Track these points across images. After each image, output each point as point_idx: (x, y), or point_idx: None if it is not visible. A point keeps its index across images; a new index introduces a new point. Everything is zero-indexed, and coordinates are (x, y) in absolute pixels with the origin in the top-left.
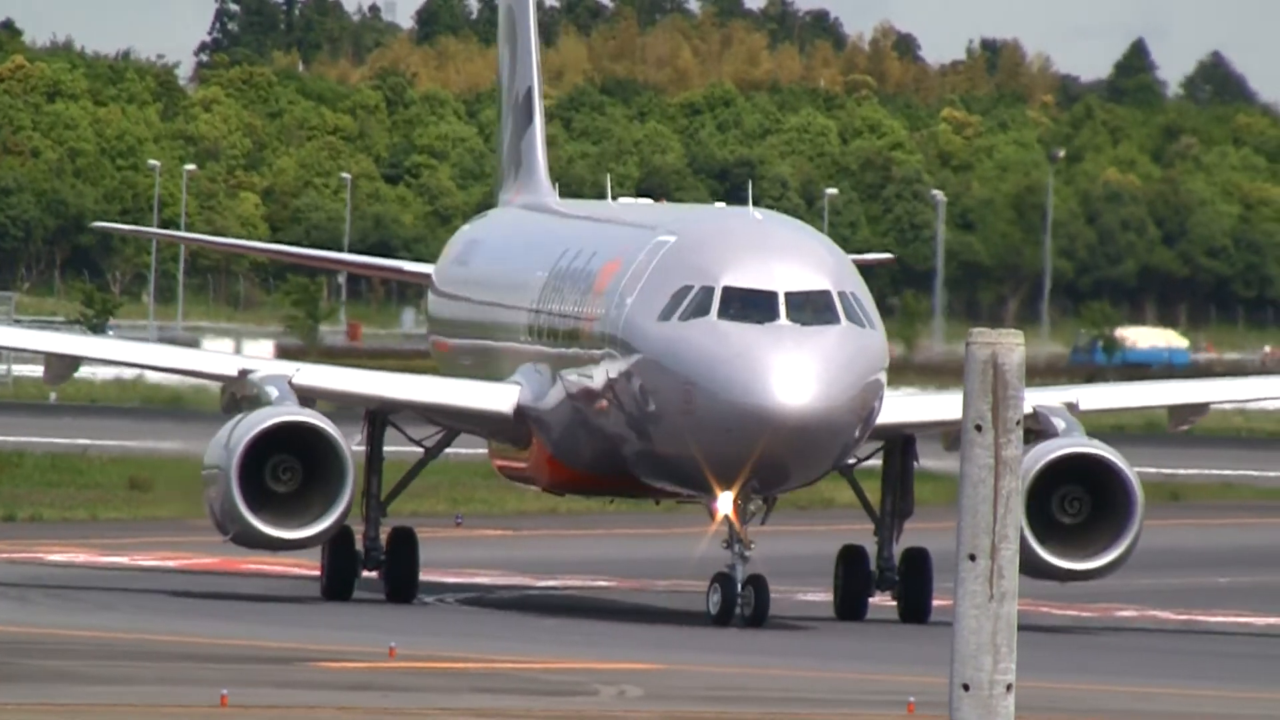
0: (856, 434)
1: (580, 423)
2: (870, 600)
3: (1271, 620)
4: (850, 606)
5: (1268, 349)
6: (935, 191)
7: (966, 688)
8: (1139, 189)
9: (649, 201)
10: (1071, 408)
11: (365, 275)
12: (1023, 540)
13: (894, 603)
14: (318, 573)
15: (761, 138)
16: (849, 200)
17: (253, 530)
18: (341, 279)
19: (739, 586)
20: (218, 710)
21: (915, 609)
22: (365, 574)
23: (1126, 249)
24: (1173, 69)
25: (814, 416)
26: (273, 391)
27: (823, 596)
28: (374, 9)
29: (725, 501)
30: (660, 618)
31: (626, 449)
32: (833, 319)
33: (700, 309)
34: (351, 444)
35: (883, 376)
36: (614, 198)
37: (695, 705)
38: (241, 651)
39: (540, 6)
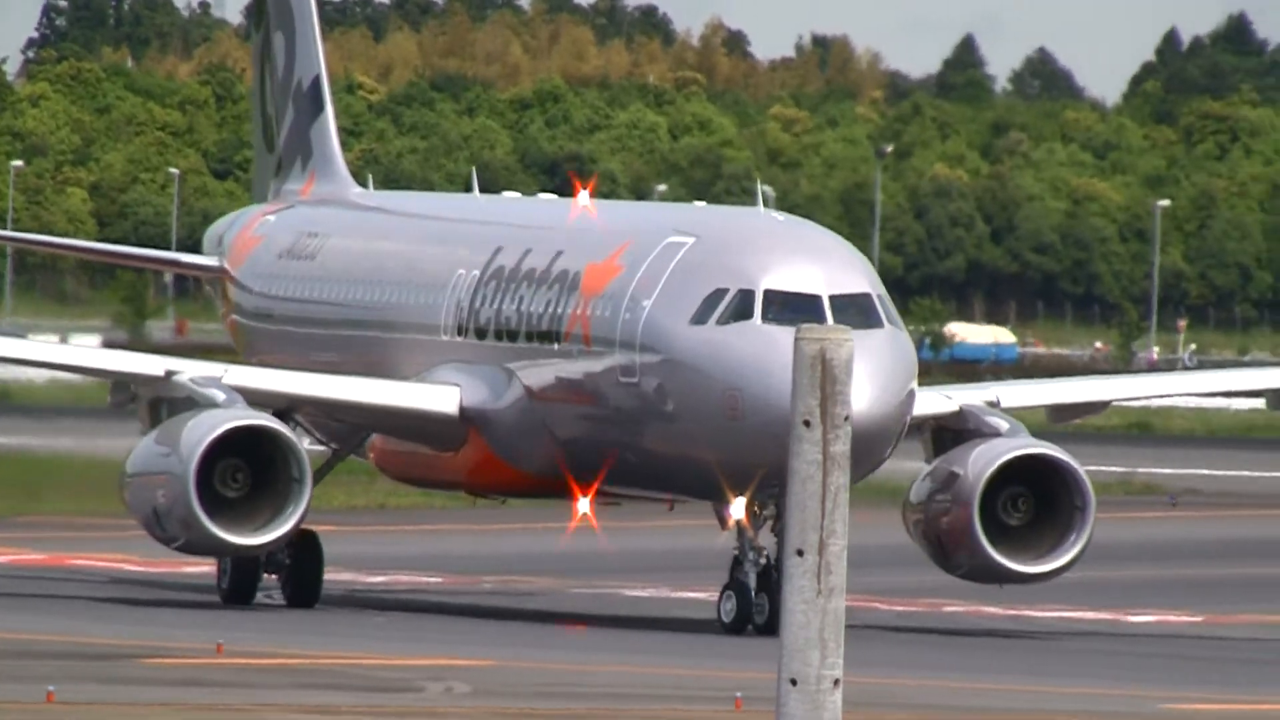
0: (899, 438)
1: (548, 425)
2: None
3: (1103, 615)
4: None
5: (1098, 345)
6: (765, 187)
7: (794, 683)
8: (967, 185)
9: (553, 197)
10: (992, 405)
11: (146, 269)
12: (977, 544)
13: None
14: (211, 574)
15: (591, 133)
16: (678, 196)
17: (211, 537)
18: (169, 276)
19: (754, 594)
20: (44, 707)
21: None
22: (266, 577)
23: (954, 245)
24: (1001, 65)
25: (873, 422)
26: (217, 394)
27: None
28: (203, 5)
29: (738, 507)
30: (490, 614)
31: (627, 452)
32: (877, 322)
33: (740, 312)
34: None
35: (915, 382)
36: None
37: (522, 701)
38: (68, 648)
39: (369, 2)
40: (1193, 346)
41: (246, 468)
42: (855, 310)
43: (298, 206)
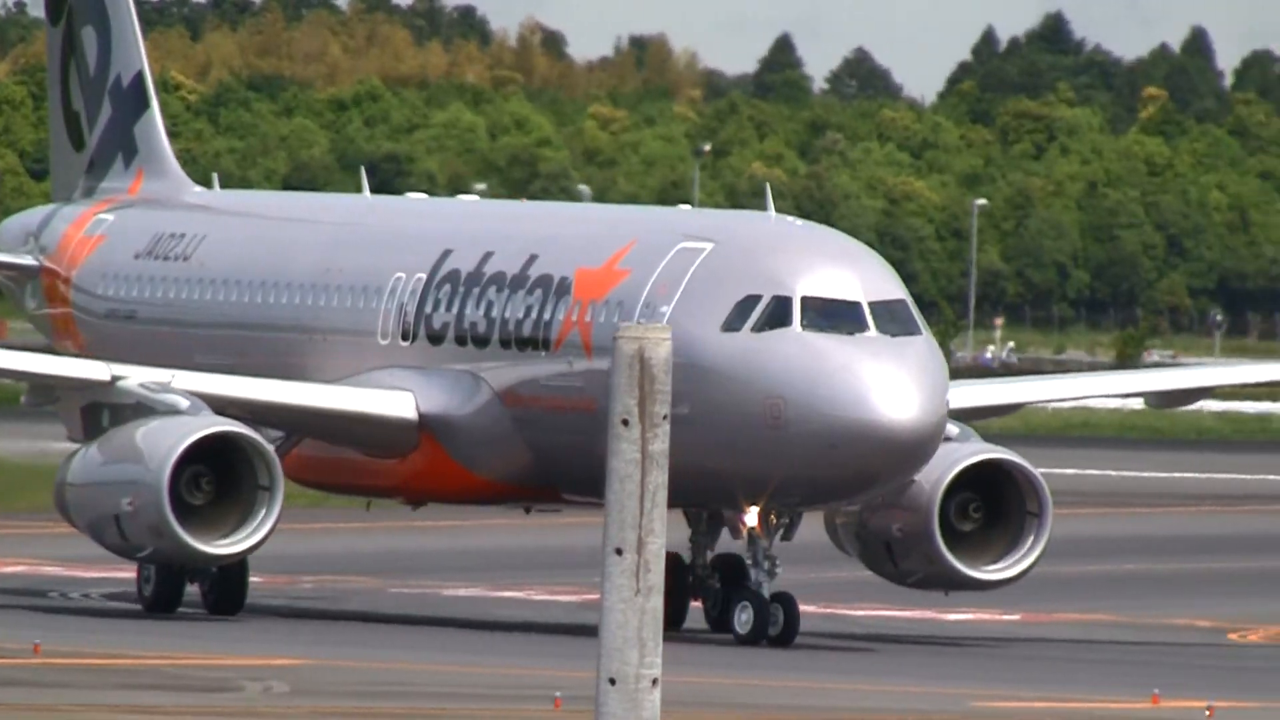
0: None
1: (525, 431)
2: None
3: (920, 614)
4: (671, 615)
5: None
6: (582, 186)
7: (613, 682)
8: (785, 183)
9: (476, 199)
10: None
11: None
12: (936, 551)
13: (700, 607)
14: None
15: (409, 133)
16: (496, 195)
17: (184, 546)
18: None
19: (769, 604)
20: None
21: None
22: (189, 586)
23: None
24: (819, 65)
25: (923, 430)
26: (179, 400)
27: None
28: (19, 4)
29: (753, 516)
30: (309, 615)
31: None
32: (914, 329)
33: (778, 319)
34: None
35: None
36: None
37: (342, 700)
38: None
39: (186, 1)
40: (1011, 344)
41: (211, 474)
42: (892, 317)
43: (138, 206)
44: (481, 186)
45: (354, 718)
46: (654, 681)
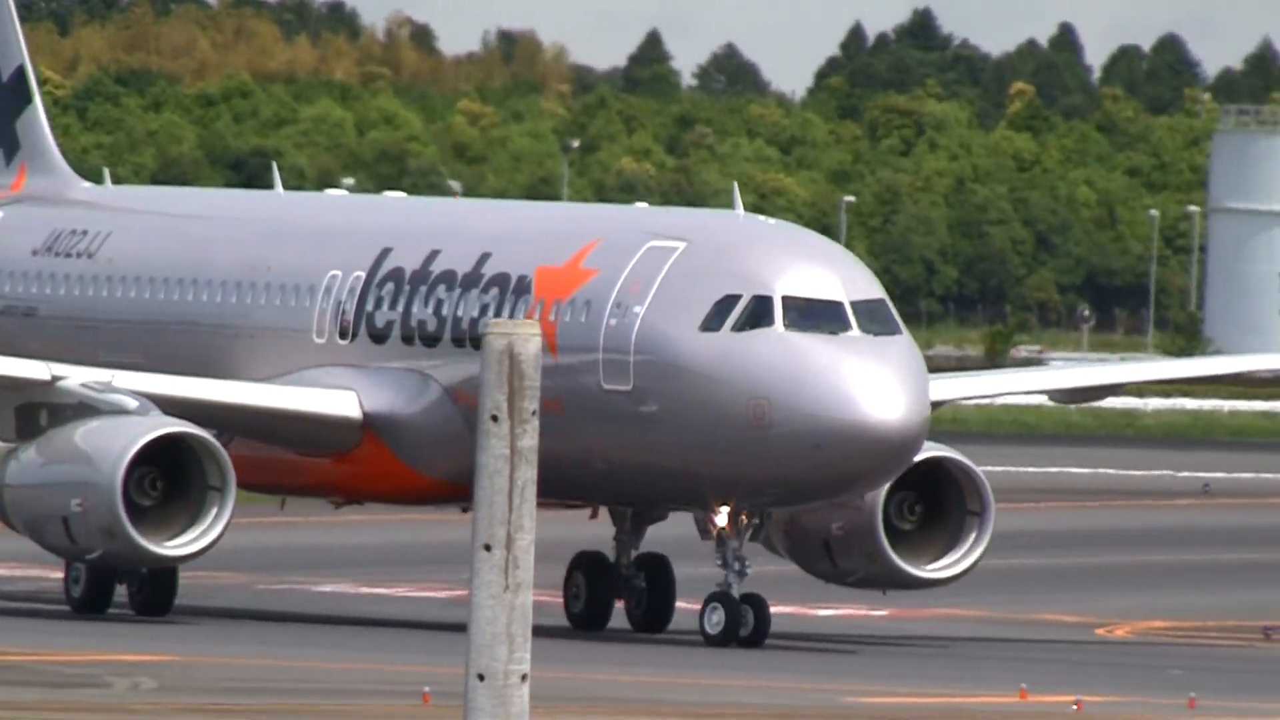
0: None
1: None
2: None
3: (789, 609)
4: (595, 615)
5: None
6: (453, 182)
7: (481, 677)
8: (653, 178)
9: (401, 195)
10: None
11: None
12: (879, 550)
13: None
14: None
15: (278, 128)
16: (365, 190)
17: (137, 548)
18: None
19: (739, 605)
20: None
21: (659, 616)
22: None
23: None
24: (687, 60)
25: (909, 429)
26: (126, 400)
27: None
28: None
29: (723, 517)
30: (177, 610)
31: (596, 460)
32: (895, 329)
33: (758, 319)
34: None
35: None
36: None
37: (209, 697)
38: None
39: None
40: None
41: (159, 475)
42: (873, 316)
43: (26, 202)
44: (350, 181)
45: (222, 714)
46: (523, 677)
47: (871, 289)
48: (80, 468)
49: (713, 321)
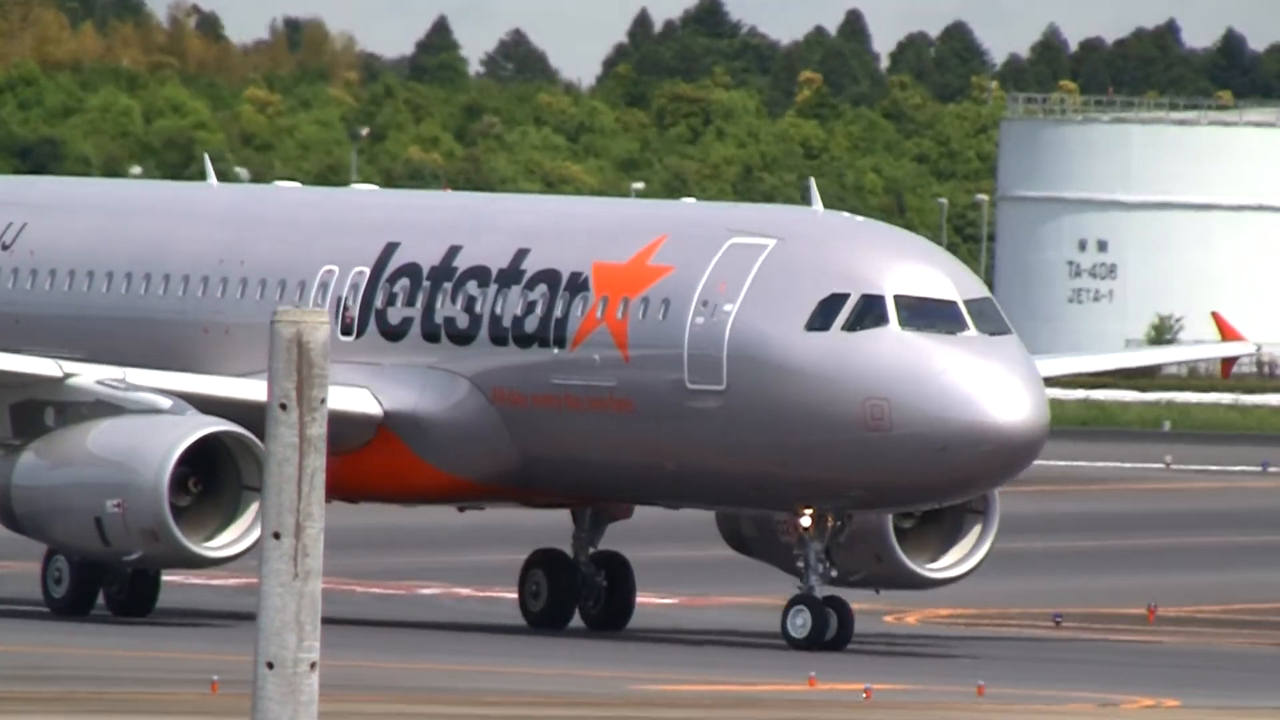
0: None
1: (517, 429)
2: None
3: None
4: (555, 614)
5: None
6: (238, 170)
7: (271, 666)
8: (441, 166)
9: (371, 187)
10: None
11: None
12: (888, 550)
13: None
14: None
15: (64, 117)
16: (152, 178)
17: (182, 550)
18: None
19: (824, 607)
20: None
21: (619, 615)
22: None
23: None
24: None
25: (1034, 430)
26: (160, 400)
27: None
28: None
29: (807, 518)
30: None
31: (670, 461)
32: (1005, 328)
33: (871, 319)
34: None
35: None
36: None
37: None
38: None
39: None
40: None
41: (196, 475)
42: (985, 315)
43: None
44: (137, 170)
45: (8, 702)
46: (312, 665)
47: (979, 287)
48: (118, 468)
49: (819, 320)
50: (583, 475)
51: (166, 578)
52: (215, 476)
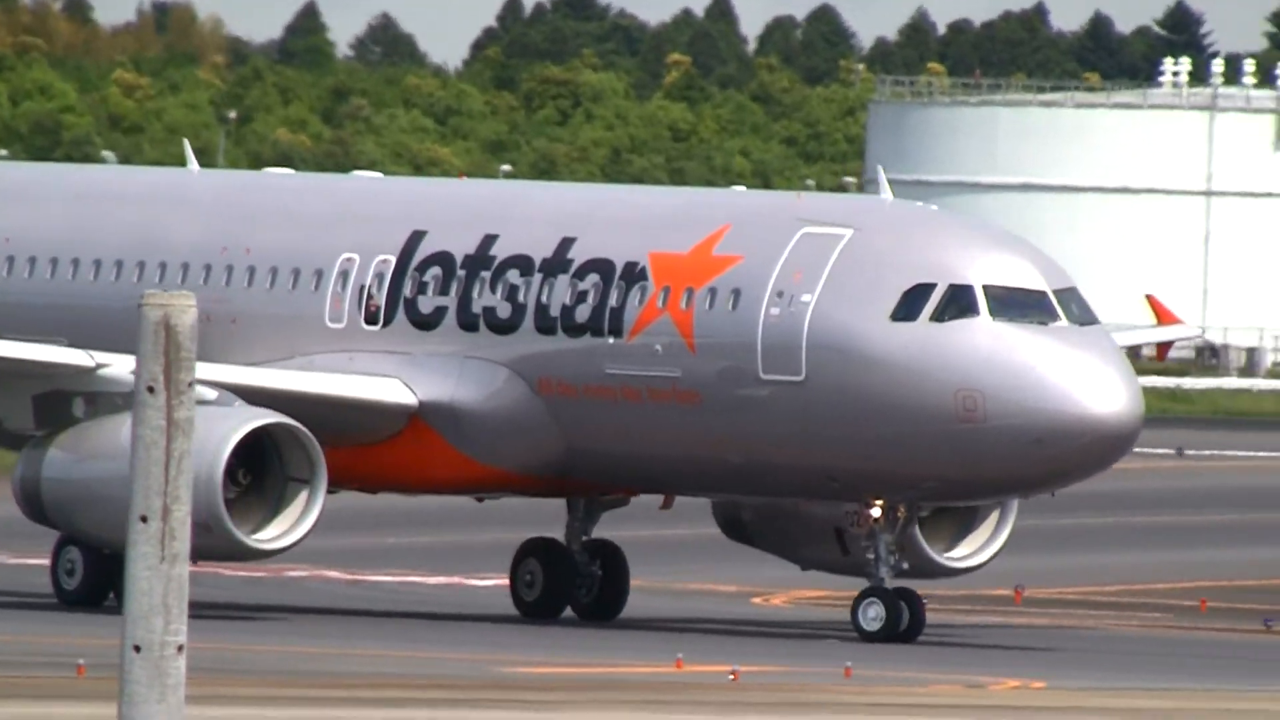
0: None
1: (563, 420)
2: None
3: (441, 579)
4: (550, 604)
5: None
6: (106, 152)
7: (138, 649)
8: (310, 150)
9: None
10: None
11: None
12: (911, 539)
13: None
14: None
15: None
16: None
17: (235, 542)
18: None
19: (897, 599)
20: None
21: (613, 604)
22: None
23: None
24: (344, 31)
25: (1131, 421)
26: (205, 391)
27: (37, 561)
28: None
29: (877, 509)
30: None
31: (732, 454)
32: (1093, 318)
33: (960, 309)
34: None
35: None
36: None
37: None
38: None
39: None
40: None
41: (244, 467)
42: (1073, 305)
43: None
44: (3, 153)
45: None
46: (179, 648)
47: (1065, 277)
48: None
49: (905, 310)
50: (637, 466)
51: (22, 560)
52: (259, 468)
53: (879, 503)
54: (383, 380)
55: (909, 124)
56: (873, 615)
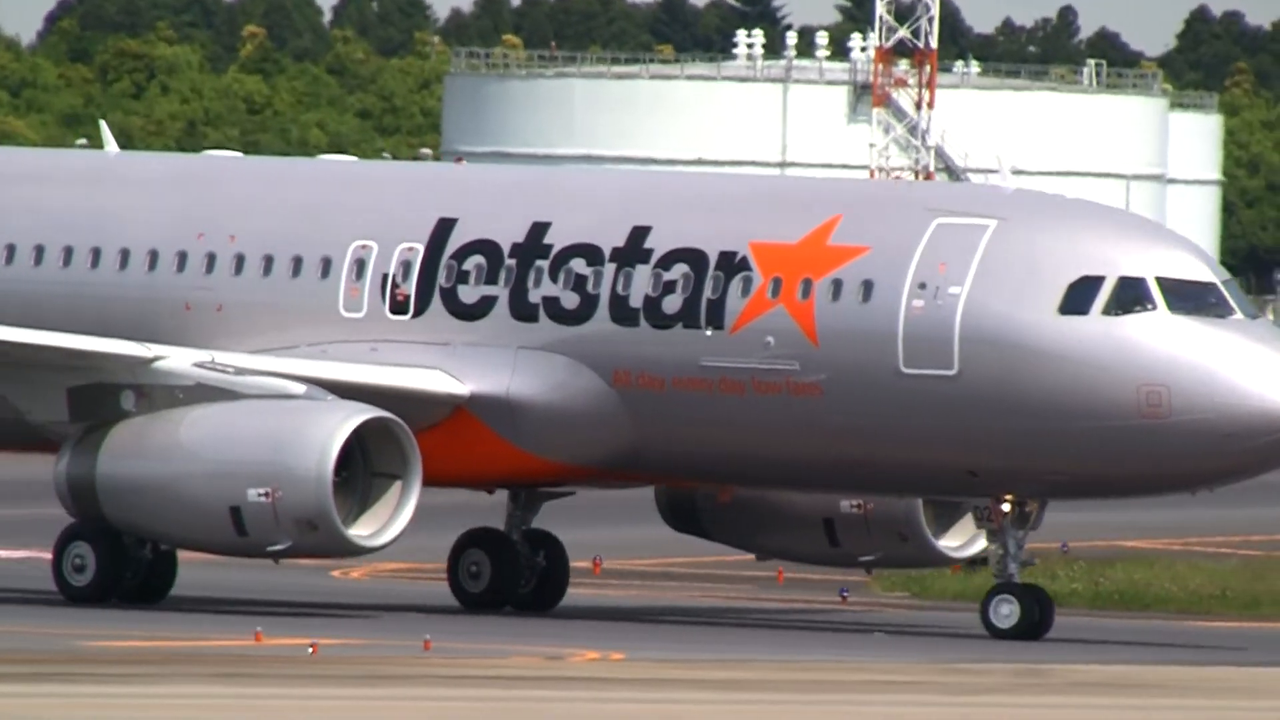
0: None
1: (638, 412)
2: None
3: (22, 553)
4: (496, 596)
5: None
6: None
7: None
8: None
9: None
10: None
11: None
12: (915, 529)
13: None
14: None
15: None
16: None
17: (340, 538)
18: None
19: (1029, 595)
20: None
21: (554, 594)
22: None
23: None
24: None
25: None
26: (291, 385)
27: None
28: None
29: (1007, 505)
30: None
31: (853, 447)
32: (1253, 311)
33: (1135, 302)
34: None
35: None
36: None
37: None
38: None
39: None
40: None
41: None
42: (1235, 298)
43: None
44: None
45: None
46: None
47: (1221, 268)
48: (268, 455)
49: (1074, 304)
50: (727, 458)
51: None
52: (349, 464)
53: (1009, 498)
54: (424, 371)
55: (485, 96)
56: (1005, 613)
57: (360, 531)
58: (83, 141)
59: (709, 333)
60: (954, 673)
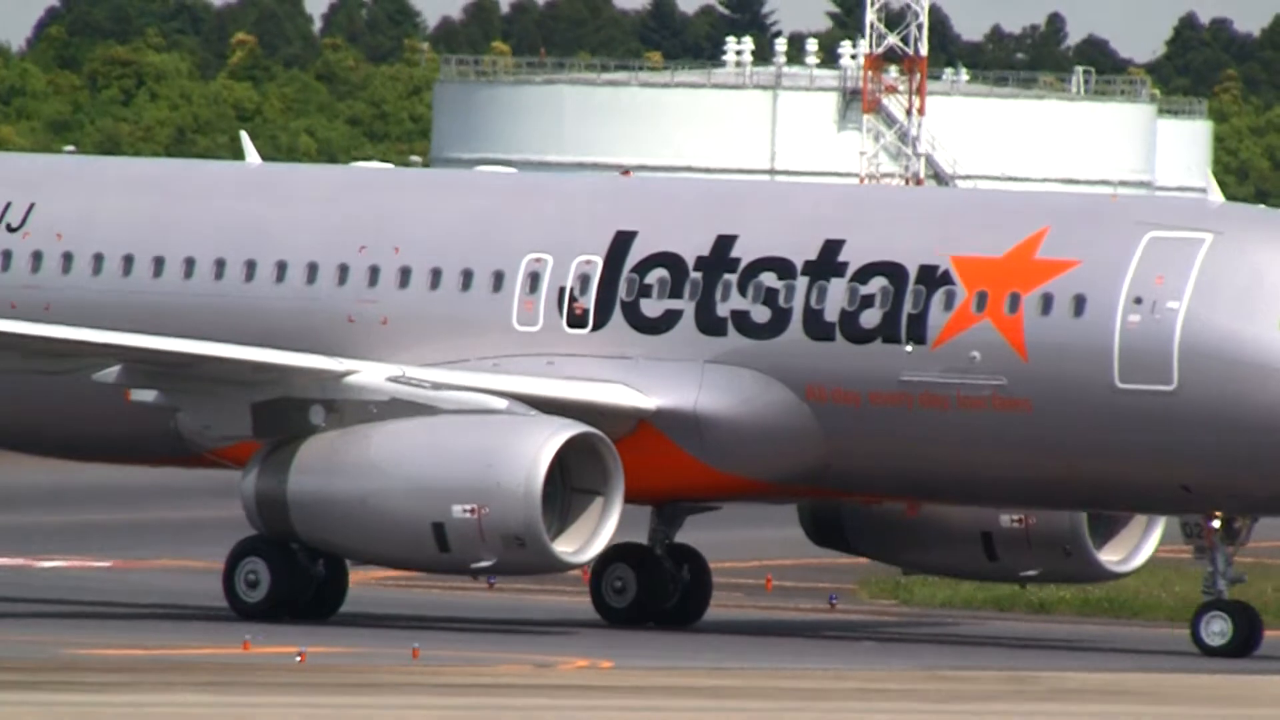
0: None
1: (832, 427)
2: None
3: (15, 561)
4: (641, 611)
5: None
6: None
7: None
8: None
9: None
10: None
11: None
12: (1080, 544)
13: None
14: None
15: None
16: None
17: (547, 555)
18: None
19: (1242, 612)
20: None
21: (696, 609)
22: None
23: None
24: None
25: None
26: (493, 400)
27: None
28: None
29: (1218, 521)
30: None
31: (1059, 464)
32: None
33: None
34: None
35: None
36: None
37: None
38: None
39: None
40: None
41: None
42: None
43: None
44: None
45: None
46: None
47: None
48: (475, 471)
49: None
50: (927, 473)
51: None
52: (548, 479)
53: (1219, 514)
54: (607, 385)
55: (474, 103)
56: (1217, 630)
57: (564, 548)
58: (71, 149)
59: (909, 348)
60: (942, 680)
